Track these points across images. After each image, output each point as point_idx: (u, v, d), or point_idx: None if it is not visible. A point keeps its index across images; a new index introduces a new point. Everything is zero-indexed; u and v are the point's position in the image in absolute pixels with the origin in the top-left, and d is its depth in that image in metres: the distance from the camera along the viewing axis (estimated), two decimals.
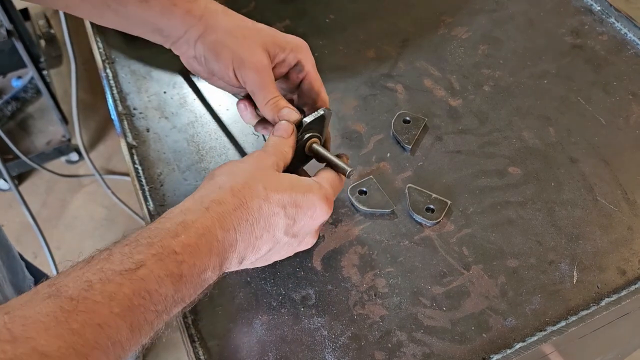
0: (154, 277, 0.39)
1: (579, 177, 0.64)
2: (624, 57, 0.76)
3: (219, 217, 0.44)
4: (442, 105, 0.71)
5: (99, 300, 0.36)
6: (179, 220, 0.43)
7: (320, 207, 0.50)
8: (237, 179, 0.47)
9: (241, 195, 0.46)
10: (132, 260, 0.39)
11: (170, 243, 0.41)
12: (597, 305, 0.55)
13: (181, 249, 0.41)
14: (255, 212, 0.46)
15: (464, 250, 0.59)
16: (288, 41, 0.56)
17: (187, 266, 0.41)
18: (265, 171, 0.49)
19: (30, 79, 1.78)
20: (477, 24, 0.81)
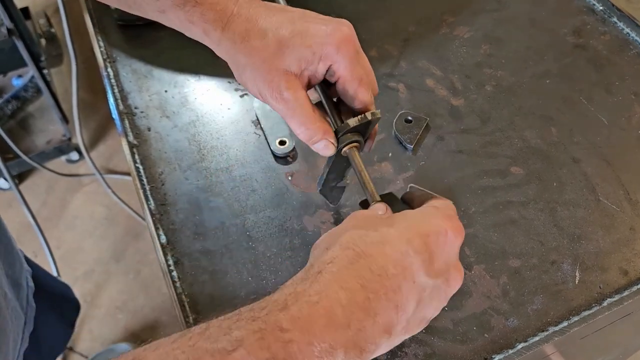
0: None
1: (581, 177, 0.64)
2: (626, 57, 0.76)
3: (336, 277, 0.36)
4: (444, 105, 0.71)
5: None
6: (289, 291, 0.35)
7: (450, 227, 0.41)
8: (342, 234, 0.39)
9: (354, 246, 0.38)
10: (229, 338, 0.32)
11: (276, 317, 0.33)
12: (600, 306, 0.55)
13: (290, 324, 0.33)
14: (378, 258, 0.37)
15: (466, 250, 0.59)
16: (315, 51, 0.47)
17: (296, 346, 0.32)
18: (366, 216, 0.42)
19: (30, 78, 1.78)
20: (479, 24, 0.81)
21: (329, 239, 0.41)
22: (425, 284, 0.39)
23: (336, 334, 0.33)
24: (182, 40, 0.79)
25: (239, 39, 0.48)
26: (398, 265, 0.37)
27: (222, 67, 0.75)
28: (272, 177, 0.64)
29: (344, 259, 0.37)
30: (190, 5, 0.47)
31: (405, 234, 0.39)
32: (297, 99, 0.47)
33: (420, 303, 0.39)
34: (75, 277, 1.60)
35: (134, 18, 0.79)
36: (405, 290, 0.37)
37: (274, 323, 0.32)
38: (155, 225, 0.61)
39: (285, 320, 0.33)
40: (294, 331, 0.32)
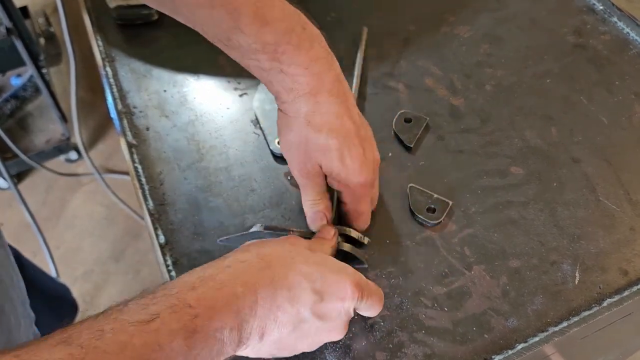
0: (167, 330, 0.37)
1: (581, 177, 0.64)
2: (627, 56, 0.76)
3: (239, 274, 0.43)
4: (444, 105, 0.71)
5: (109, 350, 0.35)
6: (198, 275, 0.42)
7: (351, 290, 0.46)
8: (266, 248, 0.46)
9: (268, 260, 0.45)
10: (147, 312, 0.37)
11: (186, 296, 0.40)
12: (599, 306, 0.55)
13: (196, 303, 0.39)
14: (280, 278, 0.44)
15: (466, 251, 0.58)
16: (337, 173, 0.53)
17: (201, 321, 0.39)
18: (297, 247, 0.48)
19: (29, 77, 1.78)
20: (479, 23, 0.80)
21: (253, 246, 0.47)
22: (307, 319, 0.45)
23: (228, 317, 0.41)
24: (181, 39, 0.79)
25: (305, 121, 0.52)
26: (291, 292, 0.44)
27: (221, 66, 0.75)
28: (272, 177, 0.64)
29: (255, 265, 0.44)
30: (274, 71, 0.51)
31: (312, 274, 0.45)
32: (316, 184, 0.55)
33: (295, 330, 0.45)
34: (74, 277, 1.60)
35: (132, 17, 0.79)
36: (287, 311, 0.44)
37: (184, 300, 0.39)
38: (154, 225, 0.60)
39: (193, 299, 0.39)
40: (199, 308, 0.39)
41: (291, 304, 0.44)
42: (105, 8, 0.81)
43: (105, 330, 0.35)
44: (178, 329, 0.37)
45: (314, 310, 0.45)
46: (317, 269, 0.46)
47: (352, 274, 0.48)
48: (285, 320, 0.44)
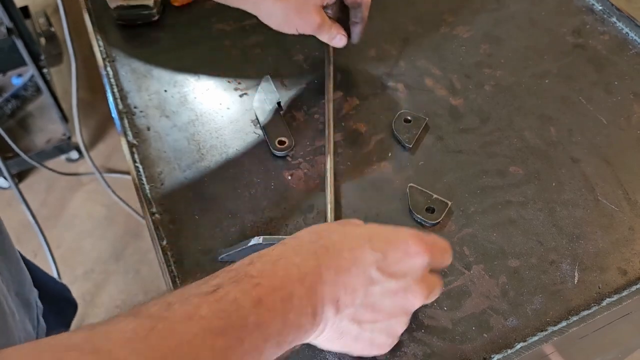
0: (230, 298, 0.37)
1: (580, 177, 0.64)
2: (626, 56, 0.76)
3: (294, 247, 0.43)
4: (444, 105, 0.71)
5: (177, 320, 0.35)
6: (255, 254, 0.42)
7: (413, 242, 0.44)
8: (312, 226, 0.46)
9: (319, 230, 0.44)
10: (209, 284, 0.38)
11: (245, 269, 0.40)
12: (598, 306, 0.55)
13: (257, 273, 0.39)
14: (337, 243, 0.43)
15: (465, 250, 0.59)
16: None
17: (264, 289, 0.39)
18: (342, 221, 0.49)
19: (30, 77, 1.78)
20: (479, 23, 0.81)
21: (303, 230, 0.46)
22: (376, 278, 0.43)
23: (293, 286, 0.40)
24: (181, 40, 0.79)
25: None
26: (352, 253, 0.43)
27: (222, 66, 0.76)
28: (272, 176, 0.64)
29: (306, 237, 0.44)
30: None
31: (368, 234, 0.45)
32: (324, 19, 0.67)
33: (368, 294, 0.43)
34: (74, 276, 1.60)
35: (133, 18, 0.80)
36: (354, 274, 0.42)
37: (244, 272, 0.39)
38: (155, 225, 0.61)
39: (253, 270, 0.40)
40: (260, 278, 0.39)
41: (356, 266, 0.42)
42: (105, 8, 0.81)
43: (172, 302, 0.36)
44: (242, 296, 0.37)
45: (380, 268, 0.43)
46: (370, 230, 0.45)
47: (408, 230, 0.46)
48: (355, 283, 0.42)
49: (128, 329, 0.34)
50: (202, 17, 0.82)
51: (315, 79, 0.74)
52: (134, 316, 0.35)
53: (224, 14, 0.83)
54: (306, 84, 0.74)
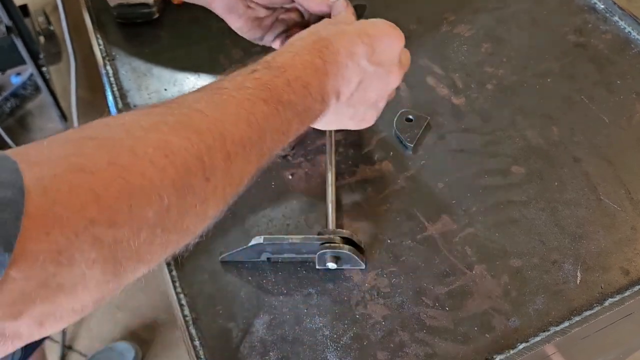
0: (267, 78, 0.45)
1: (582, 177, 0.64)
2: (628, 55, 0.76)
3: (303, 47, 0.49)
4: (445, 104, 0.71)
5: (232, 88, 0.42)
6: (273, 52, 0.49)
7: (391, 31, 0.54)
8: (311, 27, 0.53)
9: (318, 31, 0.52)
10: (249, 69, 0.45)
11: (273, 60, 0.47)
12: (601, 306, 0.55)
13: (282, 65, 0.47)
14: (334, 42, 0.50)
15: (467, 250, 0.58)
16: None
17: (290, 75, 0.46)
18: (334, 19, 0.56)
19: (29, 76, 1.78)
20: (480, 22, 0.80)
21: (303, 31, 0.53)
22: (367, 68, 0.52)
23: (309, 77, 0.47)
24: (181, 38, 0.79)
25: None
26: (348, 50, 0.50)
27: (222, 65, 0.75)
28: (273, 176, 0.64)
29: (309, 38, 0.51)
30: None
31: (358, 31, 0.52)
32: None
33: (362, 83, 0.52)
34: None
35: (132, 16, 0.79)
36: (350, 68, 0.51)
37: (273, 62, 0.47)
38: None
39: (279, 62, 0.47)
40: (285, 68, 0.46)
41: (352, 60, 0.50)
42: (105, 6, 0.80)
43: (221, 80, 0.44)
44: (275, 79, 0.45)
45: (371, 60, 0.51)
46: (358, 28, 0.53)
47: (383, 22, 0.55)
48: (351, 75, 0.51)
49: (197, 95, 0.42)
50: (203, 15, 0.81)
51: None
52: (196, 91, 0.43)
53: None
54: None
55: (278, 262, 0.57)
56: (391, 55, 0.54)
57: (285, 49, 0.50)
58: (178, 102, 0.40)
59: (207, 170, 0.37)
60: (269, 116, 0.43)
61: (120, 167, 0.32)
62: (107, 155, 0.32)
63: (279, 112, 0.44)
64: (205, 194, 0.38)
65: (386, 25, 0.54)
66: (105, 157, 0.32)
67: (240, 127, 0.41)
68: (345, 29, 0.52)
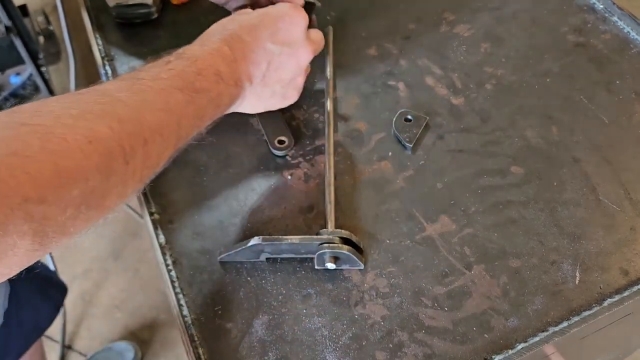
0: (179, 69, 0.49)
1: (582, 177, 0.64)
2: (627, 55, 0.76)
3: (209, 37, 0.55)
4: (444, 104, 0.71)
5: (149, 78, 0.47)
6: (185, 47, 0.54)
7: (291, 11, 0.58)
8: (218, 22, 0.58)
9: (222, 23, 0.57)
10: (163, 60, 0.50)
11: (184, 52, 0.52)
12: (600, 306, 0.54)
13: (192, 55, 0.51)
14: (237, 30, 0.55)
15: (466, 250, 0.58)
16: None
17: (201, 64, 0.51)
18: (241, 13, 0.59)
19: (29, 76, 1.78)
20: (480, 22, 0.80)
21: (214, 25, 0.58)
22: (274, 49, 0.57)
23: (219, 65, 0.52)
24: (180, 38, 0.79)
25: None
26: (251, 34, 0.55)
27: None
28: (272, 176, 0.64)
29: (215, 28, 0.57)
30: None
31: (259, 16, 0.57)
32: None
33: (271, 64, 0.57)
34: (74, 275, 1.60)
35: (132, 16, 0.79)
36: (256, 51, 0.56)
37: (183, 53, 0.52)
38: (154, 225, 0.60)
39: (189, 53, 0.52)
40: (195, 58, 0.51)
41: (257, 43, 0.55)
42: (104, 6, 0.80)
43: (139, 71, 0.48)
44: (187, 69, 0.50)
45: (275, 40, 0.56)
46: (257, 13, 0.57)
47: (287, 5, 0.58)
48: (259, 58, 0.56)
49: (118, 84, 0.46)
50: (201, 15, 0.82)
51: (315, 78, 0.73)
52: (116, 79, 0.47)
53: (223, 12, 0.82)
54: (306, 83, 0.73)
55: (277, 261, 0.57)
56: (295, 34, 0.58)
57: (196, 42, 0.55)
58: (102, 90, 0.44)
59: (127, 155, 0.42)
60: (184, 104, 0.48)
61: (51, 152, 0.36)
62: (39, 141, 0.36)
63: (193, 100, 0.49)
64: (125, 176, 0.42)
65: (286, 6, 0.58)
66: (37, 142, 0.36)
67: (157, 115, 0.45)
68: (249, 17, 0.57)
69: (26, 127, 0.37)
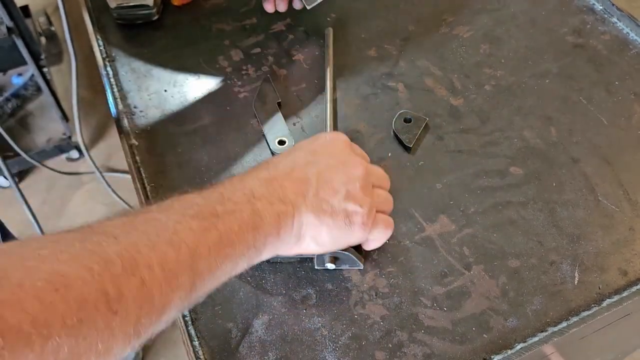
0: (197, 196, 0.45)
1: (581, 177, 0.64)
2: (626, 56, 0.76)
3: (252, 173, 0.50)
4: (444, 105, 0.71)
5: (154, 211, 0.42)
6: None
7: (329, 133, 0.56)
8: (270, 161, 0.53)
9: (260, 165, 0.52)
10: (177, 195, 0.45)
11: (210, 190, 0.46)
12: (599, 306, 0.55)
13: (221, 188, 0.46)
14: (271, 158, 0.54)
15: (465, 251, 0.58)
16: None
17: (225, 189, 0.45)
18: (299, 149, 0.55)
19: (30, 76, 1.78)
20: (479, 23, 0.80)
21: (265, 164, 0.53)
22: (318, 162, 0.51)
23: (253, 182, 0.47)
24: (181, 39, 0.79)
25: None
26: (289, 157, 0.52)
27: (221, 67, 0.75)
28: None
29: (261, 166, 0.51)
30: None
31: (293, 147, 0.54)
32: None
33: (320, 177, 0.50)
34: None
35: (133, 18, 0.80)
36: (300, 169, 0.50)
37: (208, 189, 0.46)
38: None
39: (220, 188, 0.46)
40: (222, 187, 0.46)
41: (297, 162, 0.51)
42: (105, 7, 0.81)
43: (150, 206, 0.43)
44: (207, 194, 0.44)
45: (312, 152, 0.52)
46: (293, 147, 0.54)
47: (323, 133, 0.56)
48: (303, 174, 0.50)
49: (118, 221, 0.39)
50: (202, 16, 0.82)
51: (315, 79, 0.74)
52: (120, 215, 0.41)
53: (224, 13, 0.82)
54: (306, 84, 0.74)
55: (277, 262, 0.58)
56: (336, 148, 0.53)
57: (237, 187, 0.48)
58: (95, 226, 0.38)
59: (112, 301, 0.34)
60: (201, 231, 0.41)
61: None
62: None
63: (214, 225, 0.42)
64: (111, 328, 0.34)
65: (319, 133, 0.56)
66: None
67: (161, 249, 0.38)
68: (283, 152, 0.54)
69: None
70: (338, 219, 0.50)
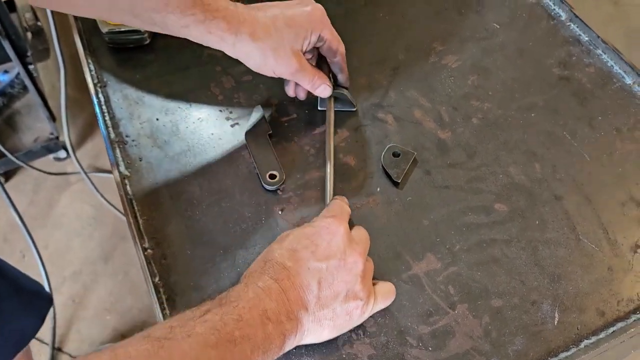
0: (217, 318, 0.47)
1: (563, 216, 0.66)
2: (610, 90, 0.78)
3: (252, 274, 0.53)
4: (431, 138, 0.73)
5: (179, 338, 0.44)
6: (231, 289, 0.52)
7: (325, 223, 0.56)
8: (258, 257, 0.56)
9: (263, 256, 0.55)
10: (201, 309, 0.48)
11: (226, 295, 0.50)
12: (577, 348, 0.57)
13: (234, 298, 0.49)
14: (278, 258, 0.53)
15: (450, 289, 0.60)
16: (306, 28, 0.65)
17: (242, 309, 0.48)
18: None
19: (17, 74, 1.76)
20: (467, 53, 0.82)
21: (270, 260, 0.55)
22: (319, 267, 0.53)
23: (264, 302, 0.50)
24: (172, 64, 0.80)
25: (250, 39, 0.63)
26: (292, 259, 0.53)
27: (213, 94, 0.76)
28: (263, 211, 0.66)
29: (255, 266, 0.54)
30: (208, 20, 0.61)
31: (296, 239, 0.55)
32: (303, 64, 0.66)
33: (321, 282, 0.53)
34: (63, 277, 1.61)
35: (124, 42, 0.80)
36: (303, 275, 0.52)
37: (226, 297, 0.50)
38: (147, 260, 0.62)
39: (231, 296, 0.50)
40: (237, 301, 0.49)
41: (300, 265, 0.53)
42: (96, 29, 0.81)
43: (173, 325, 0.45)
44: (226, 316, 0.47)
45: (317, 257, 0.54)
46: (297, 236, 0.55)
47: (323, 217, 0.58)
48: (307, 280, 0.52)
49: (142, 348, 0.43)
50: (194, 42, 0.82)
51: (306, 109, 0.75)
52: (146, 338, 0.44)
53: None
54: (296, 114, 0.75)
55: None
56: (336, 244, 0.55)
57: (241, 281, 0.53)
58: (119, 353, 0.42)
59: None
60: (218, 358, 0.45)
61: None
62: None
63: (232, 354, 0.46)
64: None
65: (322, 219, 0.57)
66: None
67: None
68: (286, 241, 0.55)
69: None
70: (339, 320, 0.54)
